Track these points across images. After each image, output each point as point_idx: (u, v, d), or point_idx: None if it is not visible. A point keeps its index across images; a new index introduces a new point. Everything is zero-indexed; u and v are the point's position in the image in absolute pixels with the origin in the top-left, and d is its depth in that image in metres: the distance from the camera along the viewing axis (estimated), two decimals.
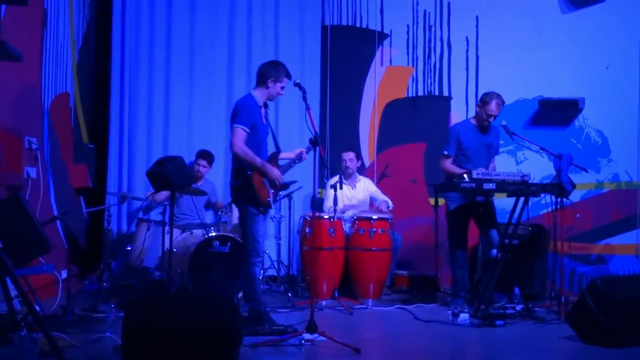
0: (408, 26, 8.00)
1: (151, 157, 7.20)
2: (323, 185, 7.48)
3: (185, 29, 7.61)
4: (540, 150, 6.31)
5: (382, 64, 8.14)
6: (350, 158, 7.21)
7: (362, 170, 7.66)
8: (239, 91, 7.64)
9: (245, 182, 5.18)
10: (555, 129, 7.27)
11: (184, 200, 6.91)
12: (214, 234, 6.29)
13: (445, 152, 6.21)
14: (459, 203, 6.12)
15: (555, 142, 6.90)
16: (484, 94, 6.17)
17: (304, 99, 4.97)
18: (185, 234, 6.61)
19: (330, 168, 7.08)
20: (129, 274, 6.84)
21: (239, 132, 5.15)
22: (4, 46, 4.46)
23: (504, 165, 6.78)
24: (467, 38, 7.74)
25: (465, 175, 5.69)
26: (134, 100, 7.43)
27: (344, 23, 8.26)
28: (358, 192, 7.25)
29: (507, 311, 5.68)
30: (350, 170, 7.20)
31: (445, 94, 7.86)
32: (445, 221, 6.36)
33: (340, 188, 6.49)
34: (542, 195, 6.10)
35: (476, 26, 7.69)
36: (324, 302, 6.23)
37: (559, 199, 5.77)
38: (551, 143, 6.54)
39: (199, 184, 7.01)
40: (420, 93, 7.97)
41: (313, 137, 4.82)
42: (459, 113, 7.63)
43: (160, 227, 6.29)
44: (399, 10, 8.03)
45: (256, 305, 5.22)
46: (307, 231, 6.48)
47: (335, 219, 6.46)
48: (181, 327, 3.78)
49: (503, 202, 6.43)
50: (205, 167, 7.14)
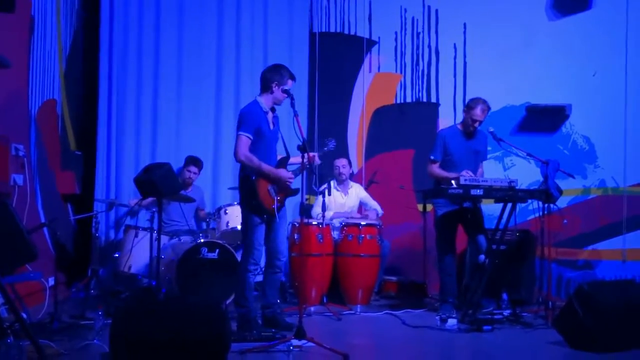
0: (396, 33, 8.03)
1: (139, 164, 7.19)
2: (312, 192, 7.47)
3: (174, 35, 7.60)
4: (528, 157, 6.32)
5: (370, 71, 8.16)
6: (343, 164, 7.19)
7: (350, 176, 7.65)
8: (227, 98, 7.67)
9: (250, 189, 5.17)
10: (543, 135, 7.31)
11: (172, 207, 6.90)
12: (202, 240, 6.28)
13: (432, 157, 6.22)
14: (447, 209, 6.12)
15: (543, 148, 6.94)
16: (470, 100, 6.19)
17: (292, 105, 4.97)
18: (174, 240, 6.59)
19: (319, 175, 7.05)
20: (116, 281, 6.82)
21: (243, 140, 5.14)
22: None
23: (491, 171, 6.79)
24: (454, 45, 7.79)
25: (453, 182, 5.70)
26: (121, 107, 7.42)
27: (332, 30, 8.27)
28: (350, 199, 7.23)
29: (494, 316, 5.70)
30: (344, 177, 7.18)
31: (434, 100, 7.90)
32: (433, 227, 6.37)
33: (329, 194, 6.47)
34: (530, 201, 6.14)
35: (464, 33, 7.74)
36: (312, 308, 6.22)
37: (546, 205, 5.78)
38: (538, 149, 6.56)
39: (187, 190, 7.00)
40: (409, 100, 8.00)
41: (301, 144, 4.82)
42: (447, 119, 7.65)
43: (148, 233, 6.28)
44: (387, 17, 8.06)
45: (246, 312, 5.21)
46: (295, 237, 6.46)
47: (324, 225, 6.46)
48: (169, 334, 3.77)
49: (491, 207, 6.45)
50: (196, 173, 7.14)
